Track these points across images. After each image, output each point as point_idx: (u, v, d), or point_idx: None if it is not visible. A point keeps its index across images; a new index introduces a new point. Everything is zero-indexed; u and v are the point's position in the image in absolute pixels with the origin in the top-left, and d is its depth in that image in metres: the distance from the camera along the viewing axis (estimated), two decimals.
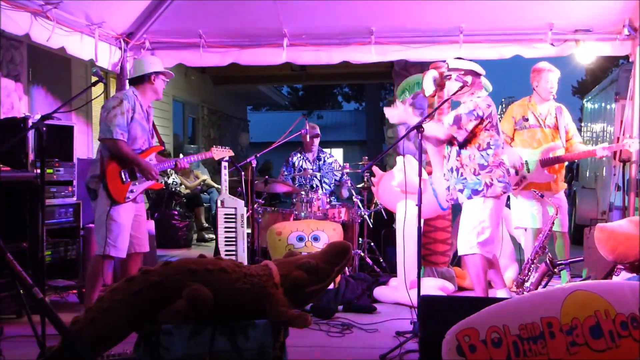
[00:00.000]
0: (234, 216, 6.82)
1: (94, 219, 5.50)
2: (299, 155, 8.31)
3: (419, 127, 4.92)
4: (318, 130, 8.26)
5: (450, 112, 5.57)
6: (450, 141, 5.54)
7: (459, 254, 5.71)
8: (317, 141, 8.24)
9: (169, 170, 11.13)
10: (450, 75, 5.55)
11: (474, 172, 5.41)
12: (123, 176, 5.30)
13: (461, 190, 5.49)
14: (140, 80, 5.52)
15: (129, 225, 5.38)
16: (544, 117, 6.54)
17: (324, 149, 8.56)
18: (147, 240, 5.70)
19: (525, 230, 6.57)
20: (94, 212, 5.43)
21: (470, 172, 5.43)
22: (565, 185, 6.79)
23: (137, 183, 5.38)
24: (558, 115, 6.57)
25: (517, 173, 6.39)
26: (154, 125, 5.69)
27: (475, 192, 5.40)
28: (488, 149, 5.41)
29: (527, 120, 6.53)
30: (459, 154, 5.51)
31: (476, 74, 5.55)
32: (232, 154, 6.42)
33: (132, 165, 5.33)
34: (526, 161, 6.41)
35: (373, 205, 8.08)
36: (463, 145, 5.47)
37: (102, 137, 5.27)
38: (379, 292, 6.52)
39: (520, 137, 6.54)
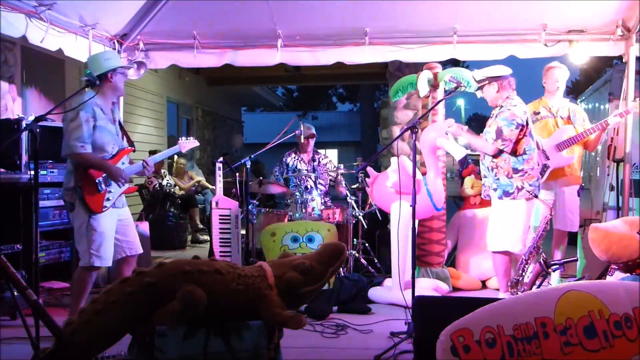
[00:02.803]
0: (228, 217, 6.82)
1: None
2: (293, 155, 8.30)
3: (413, 128, 4.93)
4: (313, 131, 8.24)
5: (491, 126, 5.74)
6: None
7: (490, 249, 5.95)
8: (312, 142, 8.23)
9: (163, 171, 11.13)
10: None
11: (507, 175, 5.69)
12: (98, 185, 5.10)
13: (495, 190, 5.78)
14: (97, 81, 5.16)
15: (112, 232, 5.22)
16: (556, 109, 6.64)
17: (318, 150, 8.55)
18: (138, 243, 5.53)
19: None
20: (72, 223, 5.24)
21: (503, 174, 5.71)
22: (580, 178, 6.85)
23: (112, 190, 5.20)
24: (572, 111, 6.74)
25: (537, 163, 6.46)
26: (121, 125, 5.44)
27: (507, 194, 5.70)
28: (524, 154, 5.70)
29: (538, 114, 6.67)
30: (495, 156, 5.76)
31: (498, 78, 5.76)
32: (198, 144, 6.21)
33: (103, 172, 5.14)
34: (543, 150, 6.46)
35: (367, 206, 8.08)
36: (500, 152, 5.70)
37: (65, 154, 5.07)
38: (373, 292, 6.53)
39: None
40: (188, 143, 6.06)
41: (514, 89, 5.85)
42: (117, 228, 5.32)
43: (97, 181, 5.11)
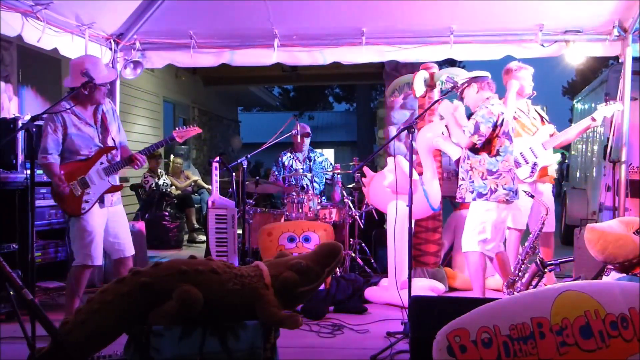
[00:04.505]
0: (224, 217, 6.81)
1: None
2: (289, 154, 8.29)
3: (409, 128, 4.93)
4: (308, 129, 8.23)
5: (470, 120, 5.68)
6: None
7: (462, 250, 5.89)
8: (307, 141, 8.22)
9: (159, 171, 11.12)
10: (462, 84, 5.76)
11: (482, 177, 5.63)
12: (73, 189, 5.15)
13: (471, 192, 5.71)
14: (73, 89, 5.24)
15: (100, 231, 5.30)
16: (527, 110, 6.64)
17: (314, 149, 8.54)
18: (131, 243, 5.54)
19: (509, 229, 6.60)
20: (67, 225, 5.49)
21: (478, 176, 5.65)
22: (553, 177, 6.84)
23: (90, 191, 5.21)
24: (538, 111, 6.78)
25: (526, 162, 6.45)
26: (102, 122, 5.37)
27: (480, 195, 5.64)
28: (498, 155, 5.63)
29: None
30: (468, 157, 5.71)
31: (478, 79, 5.69)
32: (199, 130, 5.89)
33: (78, 175, 5.19)
34: (530, 147, 6.46)
35: (364, 205, 8.08)
36: (475, 150, 5.62)
37: (37, 163, 5.18)
38: (369, 292, 6.53)
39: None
40: (184, 131, 5.76)
41: (494, 92, 5.82)
42: (109, 229, 5.39)
43: (70, 185, 5.14)
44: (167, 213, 10.87)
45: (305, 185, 7.96)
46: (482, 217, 5.65)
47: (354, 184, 7.99)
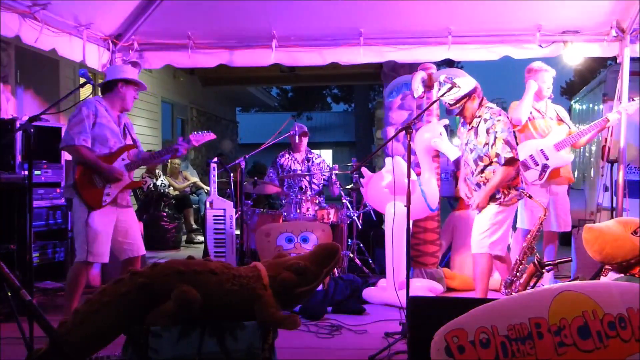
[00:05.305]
0: (223, 217, 6.82)
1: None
2: (287, 156, 8.28)
3: (407, 129, 4.93)
4: (306, 129, 8.22)
5: (497, 143, 5.59)
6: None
7: (472, 252, 5.86)
8: (305, 140, 8.20)
9: (157, 171, 11.10)
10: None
11: None
12: (96, 181, 5.21)
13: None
14: (108, 88, 5.44)
15: (109, 231, 5.30)
16: (544, 110, 6.61)
17: (312, 150, 8.54)
18: (141, 244, 5.61)
19: (515, 230, 6.60)
20: (72, 220, 5.40)
21: None
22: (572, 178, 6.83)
23: (111, 185, 5.27)
24: (557, 110, 6.72)
25: (536, 164, 6.44)
26: (126, 129, 5.56)
27: (493, 199, 5.64)
28: None
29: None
30: (482, 171, 5.70)
31: (475, 90, 5.74)
32: (214, 136, 5.96)
33: (96, 170, 5.23)
34: (540, 150, 6.45)
35: (362, 206, 8.08)
36: (490, 162, 5.64)
37: (63, 145, 5.21)
38: (367, 293, 6.53)
39: (523, 131, 6.56)
40: (200, 136, 5.81)
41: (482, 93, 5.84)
42: (119, 229, 5.40)
43: (93, 177, 5.20)
44: (165, 213, 10.86)
45: (303, 187, 7.95)
46: (495, 219, 5.65)
47: (352, 185, 7.99)
